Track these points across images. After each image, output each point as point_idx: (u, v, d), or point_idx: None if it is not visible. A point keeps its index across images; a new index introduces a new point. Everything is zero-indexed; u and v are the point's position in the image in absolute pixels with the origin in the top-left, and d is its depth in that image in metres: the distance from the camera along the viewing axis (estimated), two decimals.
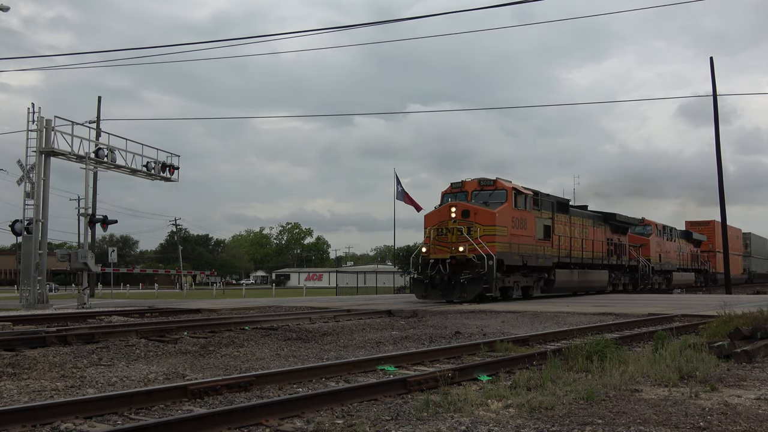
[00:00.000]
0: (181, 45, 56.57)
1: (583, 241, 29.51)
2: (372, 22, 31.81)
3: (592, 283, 30.45)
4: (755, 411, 5.76)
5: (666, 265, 39.99)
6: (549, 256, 25.88)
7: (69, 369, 8.27)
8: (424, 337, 12.13)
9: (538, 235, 25.00)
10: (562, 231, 27.51)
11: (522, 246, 23.88)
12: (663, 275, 39.63)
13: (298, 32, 19.74)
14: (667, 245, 40.67)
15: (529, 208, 24.68)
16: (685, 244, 44.95)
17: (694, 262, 46.98)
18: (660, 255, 39.16)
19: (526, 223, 24.30)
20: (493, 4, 17.91)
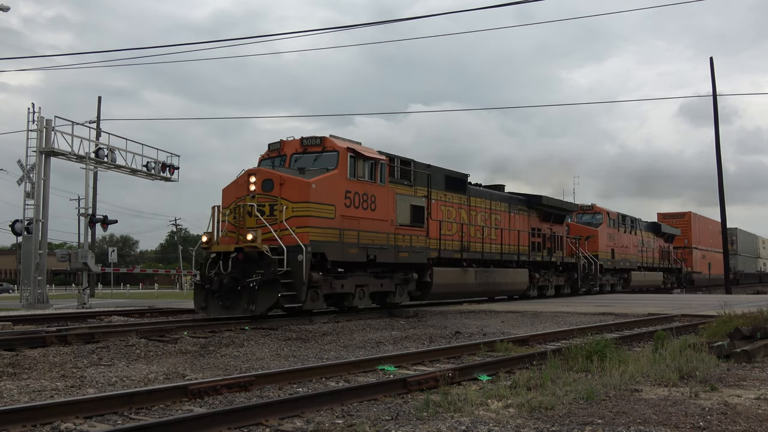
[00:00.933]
0: (181, 45, 56.69)
1: (489, 230, 22.32)
2: (372, 22, 32.07)
3: (500, 286, 22.80)
4: (755, 411, 5.77)
5: (622, 262, 33.28)
6: (421, 250, 18.19)
7: (69, 369, 8.27)
8: (424, 337, 12.13)
9: (400, 220, 17.39)
10: (449, 215, 20.24)
11: (367, 234, 16.26)
12: (618, 274, 33.23)
13: (298, 32, 19.81)
14: (625, 238, 34.06)
15: (380, 179, 16.96)
16: (652, 239, 38.52)
17: (663, 259, 40.11)
18: (613, 250, 32.19)
19: (374, 200, 16.62)
20: (493, 4, 17.91)
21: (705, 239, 49.21)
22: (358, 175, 16.29)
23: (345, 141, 16.64)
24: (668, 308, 18.35)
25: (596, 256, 29.59)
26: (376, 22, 25.53)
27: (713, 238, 49.97)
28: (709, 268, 48.67)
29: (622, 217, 34.31)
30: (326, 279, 15.48)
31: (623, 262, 33.43)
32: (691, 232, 46.12)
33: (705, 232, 49.53)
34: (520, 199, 25.49)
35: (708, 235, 49.96)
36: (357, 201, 16.20)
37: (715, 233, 50.06)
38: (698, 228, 48.11)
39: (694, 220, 47.54)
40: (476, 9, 23.57)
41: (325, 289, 15.50)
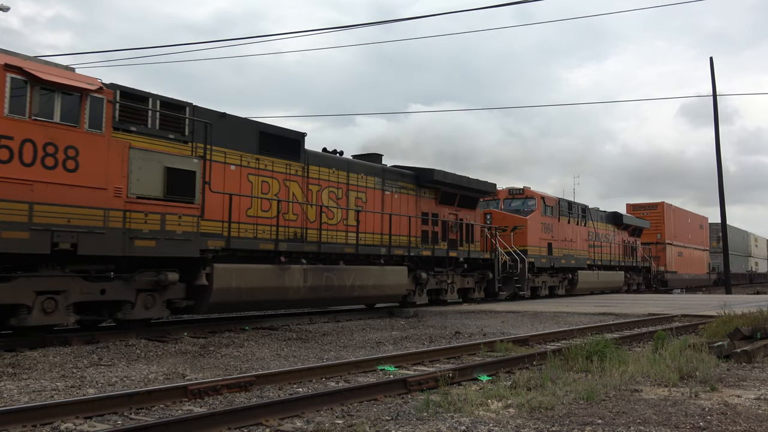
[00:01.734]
0: (182, 45, 56.67)
1: (344, 213, 16.43)
2: (373, 22, 32.10)
3: (356, 291, 15.84)
4: (755, 411, 5.77)
5: (565, 259, 26.78)
6: (187, 236, 11.91)
7: (69, 369, 8.27)
8: (424, 337, 12.14)
9: (138, 189, 11.26)
10: (261, 188, 14.33)
11: (55, 208, 10.11)
12: (558, 274, 26.72)
13: (298, 32, 19.75)
14: (569, 230, 27.51)
15: (89, 123, 10.63)
16: (612, 232, 32.36)
17: (627, 256, 33.88)
18: (550, 244, 25.83)
19: (75, 156, 10.40)
20: (494, 4, 17.92)
21: (682, 234, 42.74)
22: (32, 112, 9.92)
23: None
24: (668, 308, 18.36)
25: (523, 250, 23.10)
26: (377, 22, 25.47)
27: (693, 233, 45.20)
28: (688, 267, 43.15)
29: (568, 204, 27.92)
30: None
31: (566, 259, 26.89)
32: (664, 226, 39.45)
33: (682, 226, 43.03)
34: (403, 173, 19.04)
35: (686, 229, 43.83)
36: (29, 154, 9.85)
37: (695, 228, 45.51)
38: (674, 221, 41.56)
39: (669, 212, 40.83)
40: (476, 9, 23.59)
41: None
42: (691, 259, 44.11)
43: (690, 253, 44.06)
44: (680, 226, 42.55)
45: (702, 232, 48.15)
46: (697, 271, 45.06)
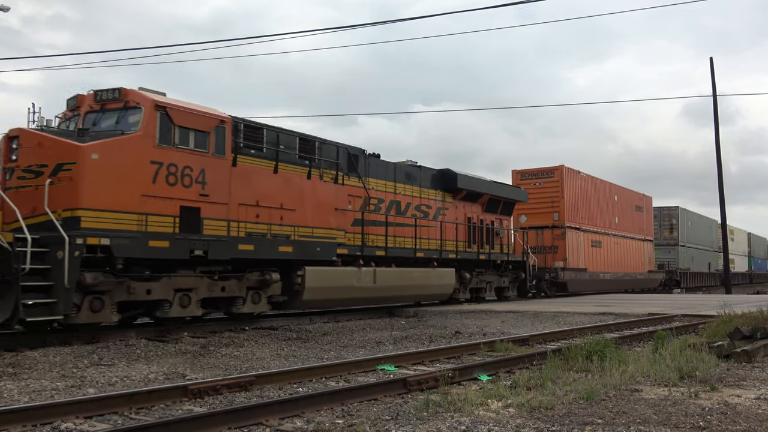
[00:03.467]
0: (181, 45, 56.60)
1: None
2: (374, 22, 31.94)
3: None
4: (755, 411, 5.77)
5: (252, 244, 13.33)
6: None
7: (69, 369, 8.28)
8: (424, 337, 12.14)
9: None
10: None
11: None
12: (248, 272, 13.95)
13: (299, 32, 19.73)
14: (279, 186, 14.18)
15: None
16: (442, 203, 20.23)
17: (474, 243, 21.46)
18: (192, 209, 12.27)
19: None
20: (495, 4, 17.89)
21: (601, 216, 29.98)
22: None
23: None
24: (669, 308, 18.36)
25: (76, 218, 10.72)
26: (378, 22, 25.52)
27: (624, 216, 32.48)
28: (613, 264, 30.75)
29: (277, 135, 14.25)
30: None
31: (260, 243, 13.49)
32: (563, 201, 26.44)
33: (601, 204, 30.04)
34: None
35: (609, 209, 30.95)
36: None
37: (626, 209, 32.79)
38: (583, 196, 28.36)
39: (572, 181, 27.56)
40: (478, 9, 23.52)
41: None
42: (619, 253, 31.61)
43: (617, 244, 31.39)
44: (598, 204, 29.80)
45: (641, 215, 34.85)
46: (630, 269, 32.62)
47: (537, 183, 27.46)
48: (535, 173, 27.86)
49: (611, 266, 30.83)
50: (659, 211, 41.26)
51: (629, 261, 32.97)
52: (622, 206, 32.82)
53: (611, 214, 31.59)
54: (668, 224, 41.82)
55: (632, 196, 34.54)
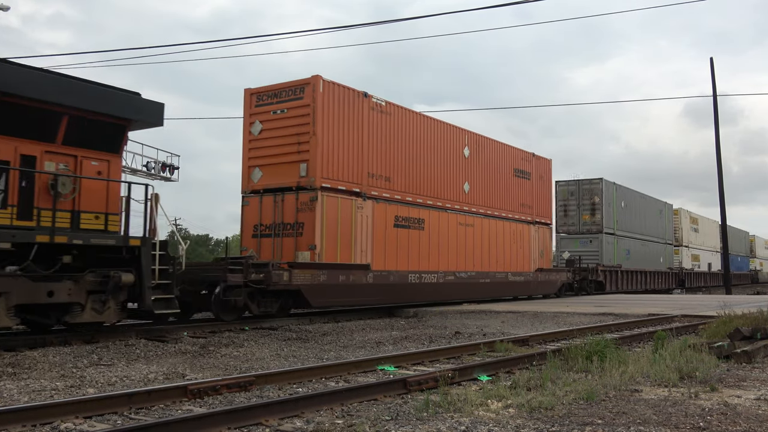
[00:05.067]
0: (181, 45, 56.62)
1: None
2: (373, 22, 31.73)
3: None
4: (755, 411, 5.77)
5: None
6: None
7: (69, 369, 8.27)
8: (424, 337, 12.13)
9: None
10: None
11: None
12: None
13: (298, 32, 19.69)
14: None
15: None
16: None
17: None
18: None
19: None
20: (495, 4, 17.84)
21: (409, 173, 18.77)
22: None
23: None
24: (669, 309, 18.36)
25: None
26: (377, 22, 25.36)
27: (479, 178, 21.51)
28: (444, 258, 19.65)
29: None
30: None
31: None
32: (315, 141, 15.73)
33: (410, 153, 18.78)
34: None
35: (437, 165, 19.81)
36: None
37: (488, 168, 21.73)
38: (367, 135, 17.12)
39: (337, 105, 16.40)
40: (476, 9, 23.48)
41: None
42: (469, 241, 20.75)
43: (465, 226, 20.55)
44: (415, 155, 18.85)
45: (526, 186, 23.80)
46: (496, 267, 21.77)
47: (278, 111, 16.33)
48: (276, 92, 16.49)
49: (445, 262, 19.37)
50: (576, 186, 31.75)
51: (494, 254, 21.68)
52: (481, 167, 21.47)
53: (452, 177, 20.14)
54: (589, 204, 31.44)
55: (508, 153, 22.86)
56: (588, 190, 31.80)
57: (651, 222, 37.73)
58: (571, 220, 32.40)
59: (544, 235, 25.35)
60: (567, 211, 32.69)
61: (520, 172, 23.78)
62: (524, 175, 24.04)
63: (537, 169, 24.90)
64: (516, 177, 23.50)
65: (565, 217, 32.66)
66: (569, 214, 32.62)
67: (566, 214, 32.73)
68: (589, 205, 31.81)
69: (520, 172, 23.84)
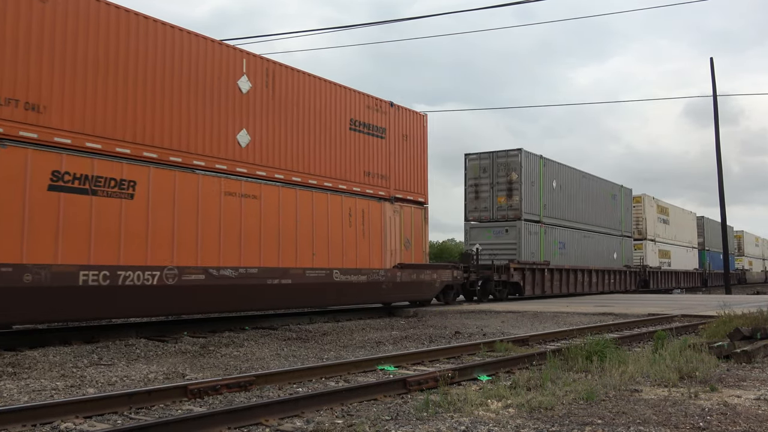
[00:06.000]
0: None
1: None
2: (374, 22, 31.92)
3: None
4: (755, 411, 5.77)
5: None
6: None
7: (69, 368, 8.28)
8: (424, 337, 12.14)
9: None
10: None
11: None
12: None
13: (299, 32, 19.65)
14: None
15: None
16: None
17: None
18: None
19: None
20: (496, 4, 17.81)
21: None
22: None
23: None
24: (669, 309, 18.37)
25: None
26: (378, 22, 25.43)
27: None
28: None
29: None
30: None
31: None
32: None
33: None
34: None
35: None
36: None
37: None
38: None
39: None
40: (477, 9, 23.41)
41: None
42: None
43: (211, 191, 12.76)
44: (90, 55, 11.02)
45: (373, 146, 17.01)
46: (287, 260, 13.98)
47: None
48: None
49: (189, 251, 12.24)
50: (489, 159, 24.80)
51: (305, 243, 14.49)
52: (278, 111, 14.36)
53: (211, 119, 13.04)
54: (504, 182, 24.48)
55: (339, 98, 15.87)
56: (504, 165, 24.61)
57: (600, 209, 30.63)
58: (483, 204, 25.00)
59: (415, 217, 18.13)
60: (478, 193, 25.21)
61: (364, 127, 16.48)
62: (373, 132, 16.87)
63: (399, 125, 17.73)
64: (356, 132, 16.11)
65: (477, 200, 25.16)
66: (481, 197, 25.10)
67: (477, 196, 25.19)
68: (504, 184, 24.60)
69: (366, 126, 16.54)
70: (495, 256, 23.35)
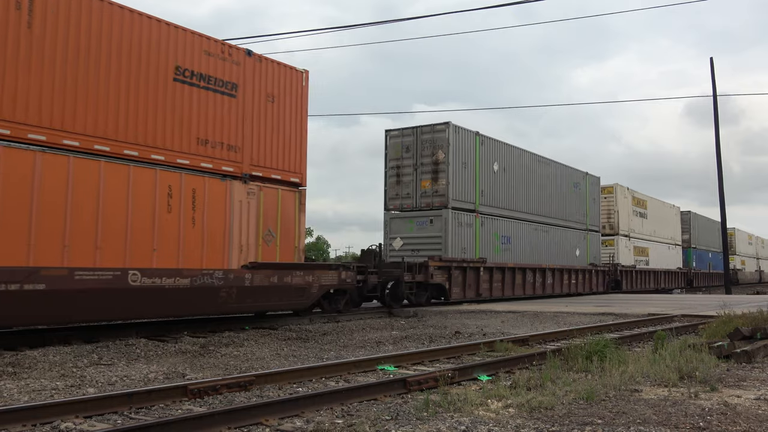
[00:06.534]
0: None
1: None
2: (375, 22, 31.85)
3: None
4: (755, 411, 5.77)
5: None
6: None
7: (69, 368, 8.28)
8: (424, 337, 12.14)
9: None
10: None
11: None
12: None
13: (300, 32, 19.64)
14: None
15: None
16: None
17: None
18: None
19: None
20: (495, 4, 17.84)
21: None
22: None
23: None
24: (669, 308, 18.37)
25: None
26: (379, 22, 25.46)
27: None
28: None
29: None
30: None
31: None
32: None
33: None
34: None
35: None
36: None
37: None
38: None
39: None
40: (478, 9, 23.43)
41: None
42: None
43: None
44: None
45: (215, 105, 12.79)
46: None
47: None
48: None
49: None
50: (413, 136, 20.66)
51: (75, 232, 10.40)
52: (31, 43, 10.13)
53: None
54: (429, 163, 20.29)
55: (151, 35, 11.77)
56: (429, 143, 20.08)
57: (558, 199, 26.66)
58: (405, 190, 20.63)
59: (284, 203, 14.34)
60: (401, 176, 20.88)
61: (200, 79, 12.65)
62: (216, 87, 12.95)
63: (261, 81, 13.89)
64: (184, 85, 12.26)
65: (398, 185, 20.85)
66: (403, 181, 20.77)
67: (399, 180, 20.90)
68: (430, 165, 20.21)
69: (203, 78, 12.72)
70: (418, 252, 19.67)
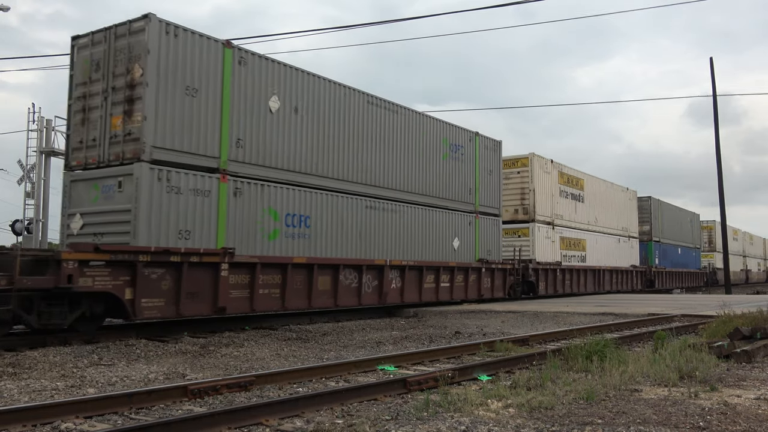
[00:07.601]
0: None
1: None
2: (375, 22, 31.87)
3: None
4: (755, 411, 5.77)
5: None
6: None
7: (69, 369, 8.28)
8: (424, 337, 12.14)
9: None
10: None
11: None
12: None
13: (300, 32, 19.62)
14: None
15: None
16: None
17: None
18: None
19: None
20: (495, 4, 17.84)
21: None
22: None
23: None
24: (669, 308, 18.37)
25: None
26: (379, 22, 25.46)
27: None
28: None
29: None
30: None
31: None
32: None
33: None
34: None
35: None
36: None
37: None
38: None
39: None
40: (478, 9, 23.43)
41: None
42: None
43: None
44: None
45: None
46: None
47: None
48: None
49: None
50: (105, 43, 12.20)
51: None
52: None
53: None
54: (123, 86, 11.85)
55: None
56: (125, 52, 12.07)
57: (417, 164, 18.40)
58: (92, 134, 12.48)
59: None
60: (88, 111, 12.59)
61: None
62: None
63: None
64: None
65: (84, 125, 12.64)
66: (91, 118, 12.56)
67: (86, 117, 12.61)
68: (123, 91, 11.99)
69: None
70: (101, 237, 11.80)
